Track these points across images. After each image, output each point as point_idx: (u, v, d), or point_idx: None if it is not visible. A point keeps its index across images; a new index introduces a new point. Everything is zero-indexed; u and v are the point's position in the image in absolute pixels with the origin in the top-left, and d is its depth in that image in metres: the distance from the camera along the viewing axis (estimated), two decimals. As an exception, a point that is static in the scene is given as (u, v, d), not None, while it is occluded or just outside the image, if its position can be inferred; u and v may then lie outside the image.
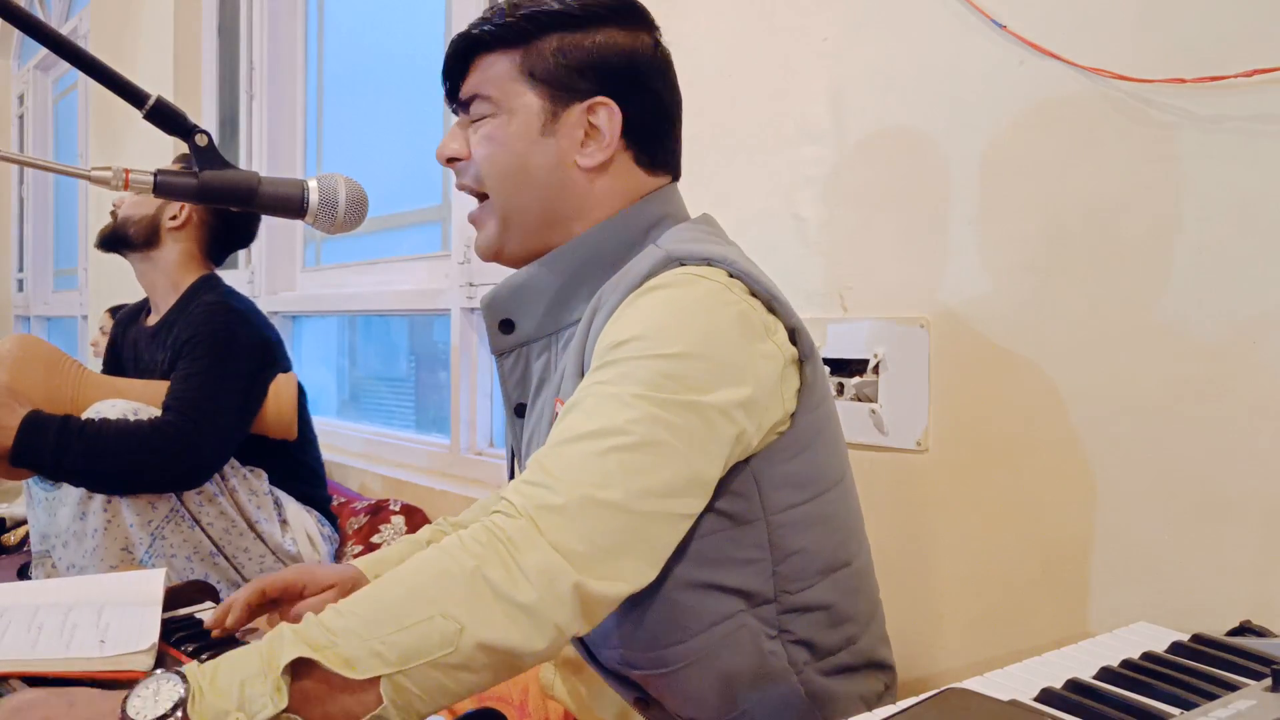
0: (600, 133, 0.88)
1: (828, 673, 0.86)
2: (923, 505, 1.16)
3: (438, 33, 2.39)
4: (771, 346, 0.79)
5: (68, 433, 1.54)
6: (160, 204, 1.87)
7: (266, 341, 1.81)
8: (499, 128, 0.89)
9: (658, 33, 0.93)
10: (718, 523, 0.81)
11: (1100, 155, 0.99)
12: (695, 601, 0.82)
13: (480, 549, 0.69)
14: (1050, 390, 1.03)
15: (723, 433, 0.75)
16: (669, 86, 0.92)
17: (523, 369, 0.92)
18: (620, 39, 0.89)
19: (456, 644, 0.65)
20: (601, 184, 0.89)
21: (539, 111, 0.88)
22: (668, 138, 0.93)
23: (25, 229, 5.73)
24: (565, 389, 0.85)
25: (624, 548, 0.71)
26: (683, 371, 0.74)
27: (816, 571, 0.84)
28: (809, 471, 0.83)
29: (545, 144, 0.88)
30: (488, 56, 0.90)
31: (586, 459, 0.72)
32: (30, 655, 0.84)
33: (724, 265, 0.80)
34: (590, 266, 0.88)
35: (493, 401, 2.19)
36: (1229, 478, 0.90)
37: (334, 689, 0.65)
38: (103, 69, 0.81)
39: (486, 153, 0.89)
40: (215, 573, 1.71)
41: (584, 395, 0.76)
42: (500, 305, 0.91)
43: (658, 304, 0.78)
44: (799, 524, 0.83)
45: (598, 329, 0.81)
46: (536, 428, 0.91)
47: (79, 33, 4.49)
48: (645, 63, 0.90)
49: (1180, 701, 0.58)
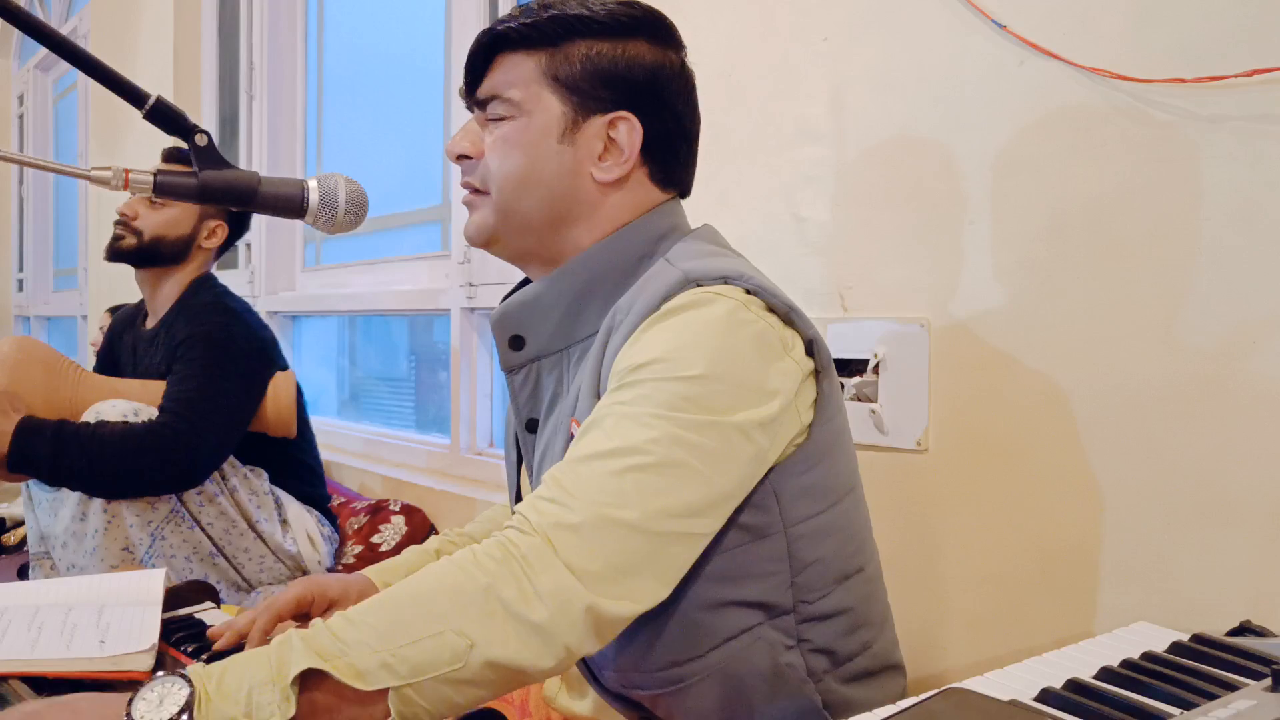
0: (619, 147, 0.86)
1: (848, 680, 0.86)
2: (923, 505, 1.16)
3: (438, 33, 2.39)
4: (789, 363, 0.79)
5: (64, 438, 1.54)
6: (195, 223, 1.87)
7: (263, 341, 1.81)
8: (516, 131, 0.87)
9: (685, 53, 0.91)
10: (738, 537, 0.80)
11: (1100, 155, 0.99)
12: (712, 617, 0.81)
13: (494, 565, 0.68)
14: (1050, 390, 1.03)
15: (741, 453, 0.75)
16: (691, 108, 0.91)
17: (534, 385, 0.91)
18: (649, 54, 0.87)
19: (466, 660, 0.66)
20: (614, 198, 0.88)
21: (559, 118, 0.86)
22: (686, 157, 0.92)
23: (25, 229, 5.73)
24: (581, 408, 0.84)
25: (638, 568, 0.71)
26: (702, 394, 0.74)
27: (832, 580, 0.84)
28: (825, 481, 0.83)
29: (561, 151, 0.86)
30: (512, 56, 0.87)
31: (604, 478, 0.71)
32: (31, 655, 0.84)
33: (740, 282, 0.79)
34: (599, 281, 0.87)
35: (492, 401, 2.19)
36: (1229, 478, 0.90)
37: (342, 699, 0.65)
38: (103, 69, 0.81)
39: (500, 156, 0.88)
40: (215, 573, 1.71)
41: (603, 415, 0.76)
42: (510, 321, 0.90)
43: (677, 326, 0.77)
44: (816, 534, 0.83)
45: (614, 349, 0.80)
46: (550, 444, 0.90)
47: (79, 33, 4.49)
48: (670, 81, 0.88)
49: (1180, 701, 0.58)
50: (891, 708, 0.56)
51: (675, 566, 0.74)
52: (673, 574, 0.74)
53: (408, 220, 2.59)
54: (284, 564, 1.79)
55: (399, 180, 2.60)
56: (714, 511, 0.75)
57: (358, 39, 2.87)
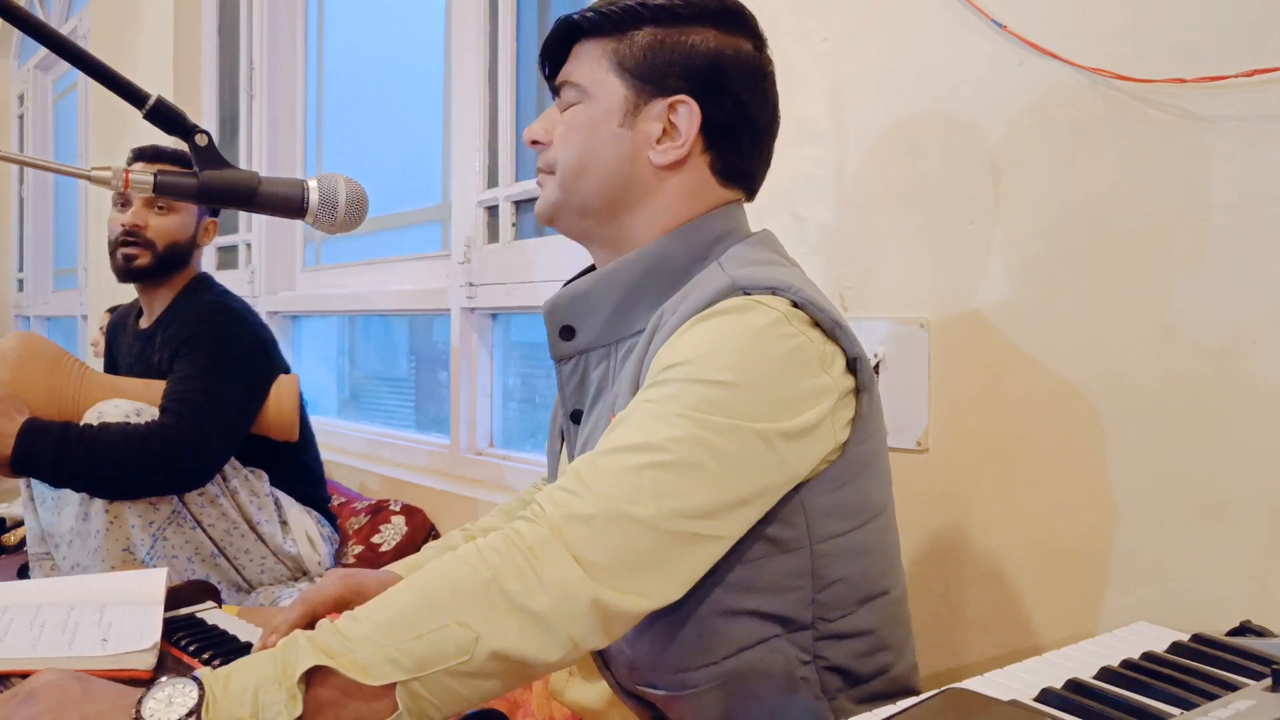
0: (677, 131, 0.87)
1: (861, 701, 0.85)
2: (923, 505, 1.16)
3: (438, 33, 2.39)
4: (826, 379, 0.78)
5: (67, 440, 1.54)
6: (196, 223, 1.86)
7: (264, 341, 1.81)
8: (581, 115, 0.89)
9: (761, 43, 0.91)
10: (763, 549, 0.80)
11: (1100, 155, 0.99)
12: (729, 625, 0.81)
13: (498, 558, 0.69)
14: (1051, 390, 1.03)
15: (762, 460, 0.75)
16: (760, 97, 0.90)
17: (581, 376, 0.91)
18: (714, 40, 0.88)
19: (472, 652, 0.66)
20: (671, 182, 0.89)
21: (622, 102, 0.88)
22: (749, 150, 0.91)
23: (25, 229, 5.73)
24: (620, 404, 0.84)
25: (648, 565, 0.71)
26: (728, 399, 0.74)
27: (855, 600, 0.83)
28: (856, 500, 0.83)
29: (622, 135, 0.88)
30: (585, 44, 0.90)
31: (621, 472, 0.72)
32: (32, 654, 0.84)
33: (788, 294, 0.79)
34: (652, 278, 0.87)
35: (493, 401, 2.19)
36: (1229, 478, 0.90)
37: (348, 696, 0.65)
38: (103, 69, 0.81)
39: (564, 139, 0.90)
40: (216, 573, 1.71)
41: (631, 411, 0.76)
42: (562, 312, 0.91)
43: (714, 330, 0.77)
44: (843, 553, 0.82)
45: (656, 348, 0.81)
46: (592, 436, 0.90)
47: (79, 33, 4.49)
48: (735, 67, 0.88)
49: (1180, 701, 0.58)
50: (891, 708, 0.56)
51: (686, 567, 0.73)
52: (683, 574, 0.73)
53: (408, 220, 2.59)
54: (284, 565, 1.79)
55: (399, 180, 2.60)
56: (728, 515, 0.74)
57: (358, 39, 2.87)
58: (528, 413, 2.17)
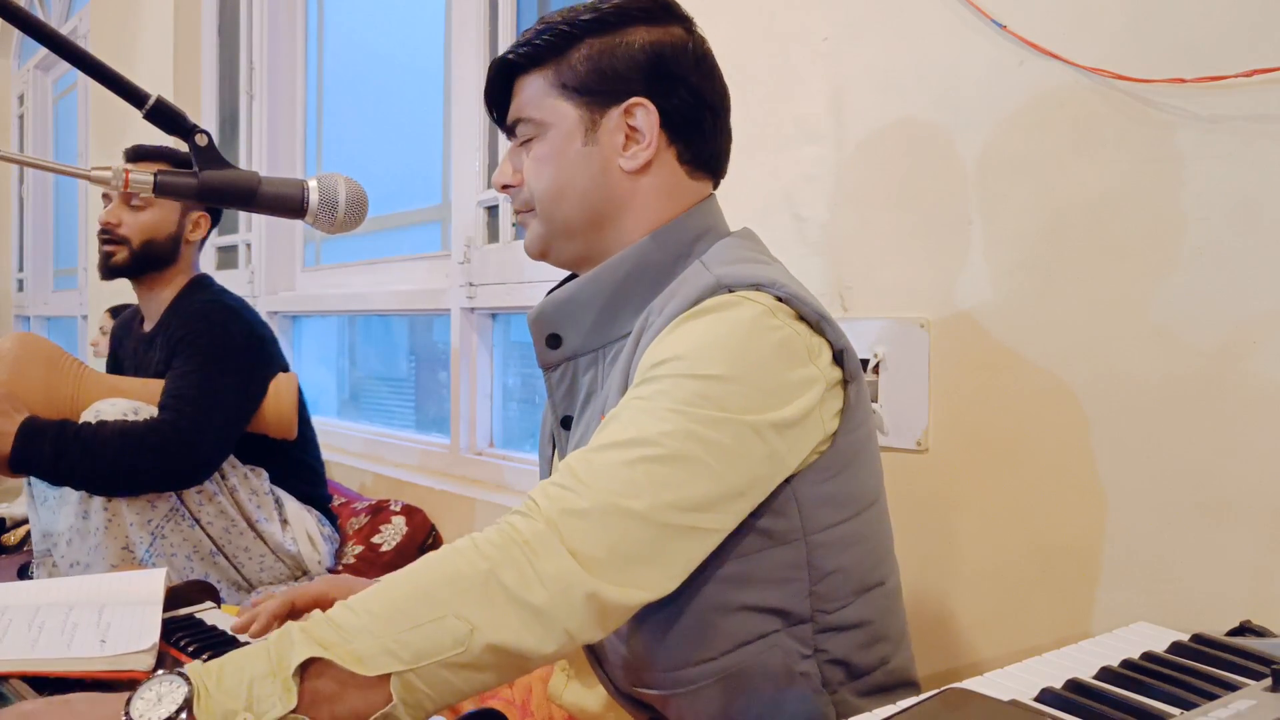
0: (640, 133, 0.88)
1: (862, 694, 0.85)
2: (923, 505, 1.16)
3: (438, 33, 2.39)
4: (813, 370, 0.79)
5: (65, 438, 1.54)
6: (179, 219, 1.85)
7: (261, 339, 1.81)
8: (544, 147, 0.89)
9: (690, 24, 0.92)
10: (758, 542, 0.80)
11: (1100, 155, 0.99)
12: (727, 620, 0.81)
13: (495, 551, 0.69)
14: (1050, 390, 1.03)
15: (754, 451, 0.75)
16: (706, 75, 0.91)
17: (570, 382, 0.92)
18: (649, 36, 0.88)
19: (468, 644, 0.66)
20: (645, 183, 0.89)
21: (578, 122, 0.88)
22: (711, 131, 0.92)
23: (25, 229, 5.73)
24: (609, 406, 0.84)
25: (644, 558, 0.71)
26: (719, 392, 0.74)
27: (852, 591, 0.84)
28: (848, 491, 0.83)
29: (589, 153, 0.88)
30: (526, 78, 0.91)
31: (615, 467, 0.72)
32: (31, 655, 0.84)
33: (772, 289, 0.80)
34: (635, 281, 0.88)
35: (492, 402, 2.19)
36: (1229, 478, 0.90)
37: (344, 686, 0.65)
38: (103, 69, 0.81)
39: (535, 174, 0.90)
40: (215, 572, 1.71)
41: (622, 408, 0.77)
42: (547, 320, 0.91)
43: (702, 327, 0.78)
44: (837, 544, 0.83)
45: (644, 348, 0.81)
46: (582, 440, 0.90)
47: (79, 33, 4.49)
48: (676, 55, 0.89)
49: (1180, 701, 0.58)
50: (891, 708, 0.56)
51: (681, 559, 0.74)
52: (679, 567, 0.74)
53: (408, 220, 2.59)
54: (284, 563, 1.79)
55: (399, 180, 2.60)
56: (723, 507, 0.75)
57: (358, 39, 2.87)
58: (528, 413, 2.17)
